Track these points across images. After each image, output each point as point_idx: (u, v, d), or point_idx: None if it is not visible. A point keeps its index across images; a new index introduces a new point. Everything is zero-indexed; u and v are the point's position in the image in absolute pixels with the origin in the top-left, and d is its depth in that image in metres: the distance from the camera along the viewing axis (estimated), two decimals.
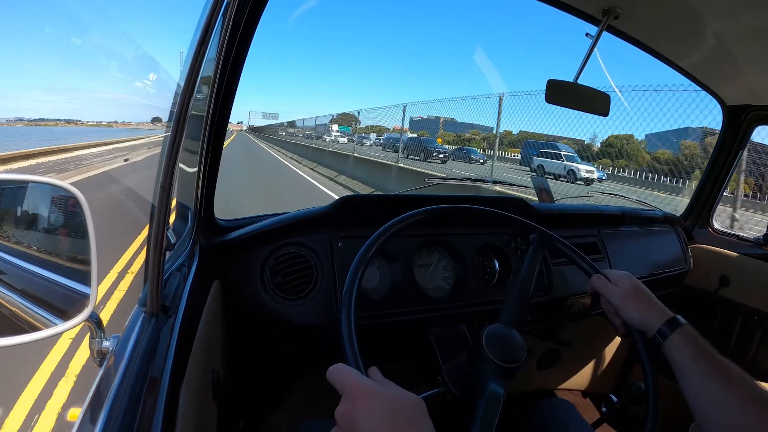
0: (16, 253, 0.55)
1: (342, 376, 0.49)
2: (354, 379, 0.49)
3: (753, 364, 1.48)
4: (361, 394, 0.47)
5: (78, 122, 69.80)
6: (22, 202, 0.57)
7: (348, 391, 0.48)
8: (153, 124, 68.30)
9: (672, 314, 0.73)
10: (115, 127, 70.71)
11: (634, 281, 0.79)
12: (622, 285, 0.79)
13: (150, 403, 0.45)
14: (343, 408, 0.47)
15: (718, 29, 1.02)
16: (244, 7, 0.69)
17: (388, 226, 0.75)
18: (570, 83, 1.17)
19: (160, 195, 0.55)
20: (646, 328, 0.74)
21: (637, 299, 0.77)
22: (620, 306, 0.77)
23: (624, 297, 0.77)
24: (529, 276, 0.82)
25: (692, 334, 0.69)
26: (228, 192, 7.10)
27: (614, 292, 0.78)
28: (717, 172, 1.62)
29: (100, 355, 0.57)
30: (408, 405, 0.47)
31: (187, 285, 0.67)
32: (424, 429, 0.46)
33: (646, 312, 0.74)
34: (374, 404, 0.46)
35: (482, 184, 1.89)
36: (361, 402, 0.46)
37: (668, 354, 0.69)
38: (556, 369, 1.56)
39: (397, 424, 0.45)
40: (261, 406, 1.12)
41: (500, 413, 0.60)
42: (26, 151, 14.46)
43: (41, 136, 33.39)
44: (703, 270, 1.59)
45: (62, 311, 0.53)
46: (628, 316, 0.76)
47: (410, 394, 0.49)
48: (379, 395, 0.47)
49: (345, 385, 0.48)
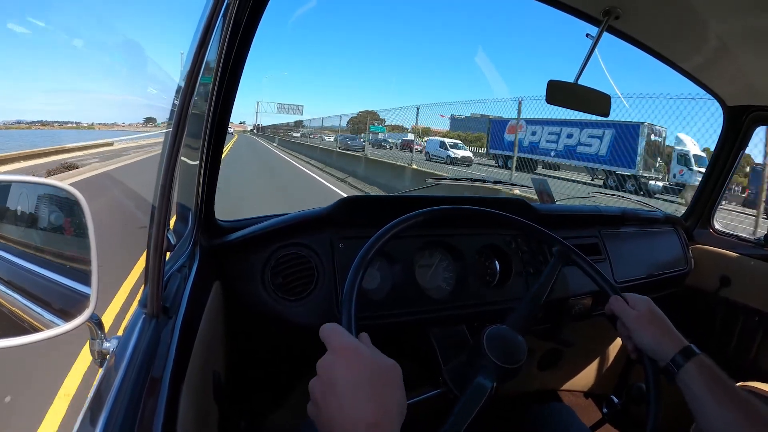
0: (18, 253, 0.55)
1: (333, 333, 0.52)
2: (342, 336, 0.52)
3: (754, 364, 1.47)
4: (347, 349, 0.50)
5: (78, 124, 68.89)
6: (23, 203, 0.57)
7: (335, 345, 0.50)
8: (146, 125, 65.05)
9: (687, 343, 0.71)
10: (115, 129, 69.45)
11: (651, 306, 0.78)
12: (638, 308, 0.78)
13: (151, 404, 0.45)
14: (326, 359, 0.50)
15: (719, 30, 1.02)
16: (244, 7, 0.69)
17: (389, 228, 0.75)
18: (570, 84, 1.17)
19: (160, 196, 0.55)
20: (658, 355, 0.72)
21: (651, 324, 0.75)
22: (634, 329, 0.75)
23: (638, 320, 0.76)
24: (545, 287, 0.83)
25: (707, 364, 0.68)
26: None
27: (629, 315, 0.77)
28: (717, 172, 1.62)
29: (100, 356, 0.57)
30: (387, 368, 0.50)
31: (188, 286, 0.67)
32: (398, 393, 0.48)
33: (660, 338, 0.73)
34: (356, 361, 0.49)
35: (483, 184, 1.89)
36: (343, 356, 0.49)
37: (682, 383, 0.68)
38: (558, 369, 1.56)
39: (373, 383, 0.47)
40: (262, 407, 1.11)
41: (484, 407, 0.61)
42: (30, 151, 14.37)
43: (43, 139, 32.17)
44: (703, 271, 1.58)
45: (63, 312, 0.53)
46: (641, 341, 0.75)
47: (390, 359, 0.51)
48: (362, 354, 0.50)
49: (334, 340, 0.51)
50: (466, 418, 0.60)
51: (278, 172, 15.63)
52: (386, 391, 0.48)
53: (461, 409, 0.61)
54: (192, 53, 0.53)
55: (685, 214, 1.73)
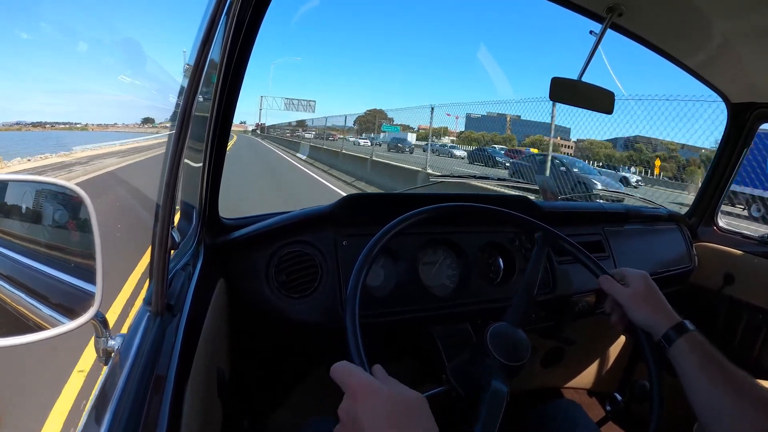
0: (22, 251, 0.56)
1: (345, 374, 0.50)
2: (357, 377, 0.49)
3: (757, 362, 1.47)
4: (364, 391, 0.47)
5: (71, 125, 67.23)
6: (28, 202, 0.57)
7: (351, 388, 0.48)
8: (143, 126, 62.09)
9: (680, 319, 0.72)
10: (110, 130, 66.60)
11: (647, 281, 0.78)
12: (634, 285, 0.78)
13: (155, 402, 0.46)
14: (346, 405, 0.47)
15: (723, 27, 1.02)
16: (247, 5, 0.69)
17: (392, 225, 0.75)
18: (574, 81, 1.17)
19: (164, 194, 0.55)
20: (651, 330, 0.73)
21: (645, 300, 0.75)
22: (628, 306, 0.76)
23: (633, 297, 0.76)
24: (534, 275, 0.82)
25: (699, 341, 0.68)
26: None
27: (622, 292, 0.77)
28: (721, 170, 1.61)
29: (105, 354, 0.57)
30: (410, 402, 0.48)
31: (192, 284, 0.68)
32: (426, 425, 0.46)
33: (653, 314, 0.73)
34: (377, 401, 0.46)
35: (486, 183, 1.89)
36: (363, 399, 0.47)
37: (673, 359, 0.68)
38: (561, 367, 1.56)
39: (399, 421, 0.45)
40: (266, 404, 1.12)
41: (503, 411, 0.60)
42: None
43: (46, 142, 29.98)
44: (707, 268, 1.58)
45: (68, 309, 0.53)
46: (635, 317, 0.75)
47: (412, 391, 0.49)
48: (381, 392, 0.47)
49: (348, 383, 0.49)
50: (494, 427, 0.59)
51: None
52: (412, 424, 0.46)
53: (486, 421, 0.59)
54: (195, 52, 0.53)
55: (689, 212, 1.73)
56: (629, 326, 0.78)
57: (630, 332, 0.78)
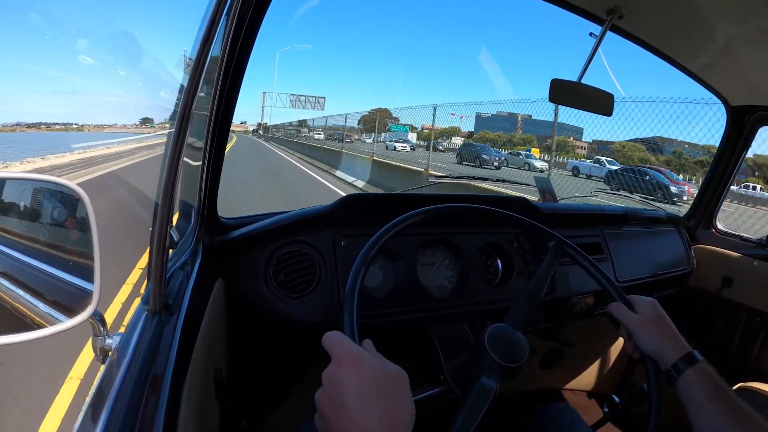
0: (21, 249, 0.56)
1: (335, 341, 0.51)
2: (346, 345, 0.51)
3: (756, 365, 1.47)
4: (350, 359, 0.49)
5: (76, 126, 65.28)
6: (27, 200, 0.57)
7: (338, 354, 0.50)
8: (141, 126, 59.00)
9: (689, 348, 0.71)
10: (106, 131, 62.66)
11: (655, 309, 0.77)
12: (641, 311, 0.77)
13: (152, 401, 0.45)
14: (331, 371, 0.49)
15: (723, 29, 1.02)
16: (248, 5, 0.69)
17: (391, 226, 0.75)
18: (574, 83, 1.17)
19: (163, 193, 0.55)
20: (659, 357, 0.72)
21: (654, 328, 0.74)
22: (636, 333, 0.75)
23: (642, 324, 0.75)
24: (543, 282, 0.82)
25: (709, 373, 0.67)
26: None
27: (631, 319, 0.76)
28: (720, 172, 1.61)
29: (102, 352, 0.57)
30: (392, 375, 0.49)
31: (190, 283, 0.68)
32: (404, 400, 0.48)
33: (662, 343, 0.72)
34: (361, 370, 0.48)
35: (484, 183, 1.89)
36: (349, 367, 0.48)
37: (681, 389, 0.68)
38: (559, 369, 1.56)
39: (379, 390, 0.47)
40: (264, 405, 1.12)
41: (488, 407, 0.61)
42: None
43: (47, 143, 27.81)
44: (706, 271, 1.58)
45: (66, 308, 0.53)
46: (642, 343, 0.74)
47: (396, 366, 0.51)
48: (366, 363, 0.49)
49: (337, 349, 0.50)
50: (474, 420, 0.60)
51: None
52: (394, 399, 0.47)
53: (468, 412, 0.61)
54: (196, 51, 0.53)
55: (687, 214, 1.73)
56: (638, 354, 0.76)
57: (641, 361, 0.76)
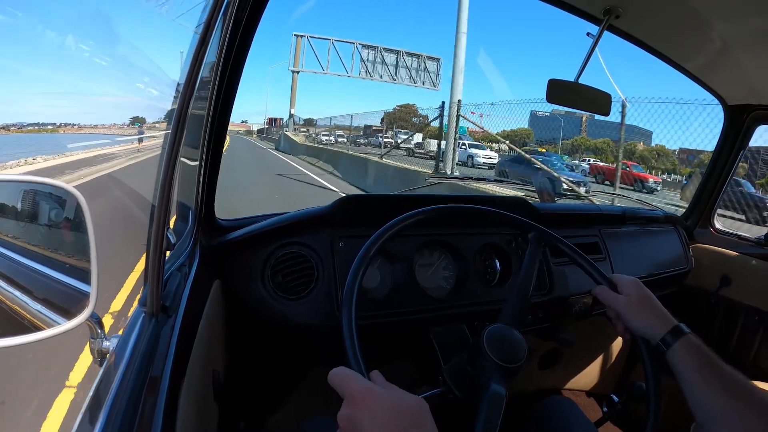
0: (18, 251, 0.55)
1: (343, 380, 0.49)
2: (355, 383, 0.49)
3: (754, 364, 1.47)
4: (363, 397, 0.47)
5: (75, 126, 62.22)
6: (23, 202, 0.57)
7: (349, 394, 0.48)
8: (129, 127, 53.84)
9: (676, 322, 0.72)
10: (84, 132, 58.12)
11: (640, 288, 0.78)
12: (627, 292, 0.78)
13: (150, 404, 0.45)
14: (346, 412, 0.47)
15: (720, 29, 1.02)
16: (244, 6, 0.69)
17: (389, 226, 0.75)
18: (571, 83, 1.17)
19: (160, 195, 0.55)
20: (648, 335, 0.73)
21: (641, 307, 0.76)
22: (624, 314, 0.76)
23: (628, 305, 0.76)
24: (529, 275, 0.81)
25: (696, 343, 0.68)
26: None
27: (618, 300, 0.77)
28: (718, 172, 1.61)
29: (100, 355, 0.57)
30: (411, 407, 0.47)
31: (188, 285, 0.67)
32: (428, 430, 0.46)
33: (649, 320, 0.73)
34: (377, 407, 0.46)
35: (483, 184, 1.89)
36: (363, 405, 0.46)
37: (671, 363, 0.69)
38: (558, 369, 1.56)
39: (400, 426, 0.45)
40: (262, 407, 1.11)
41: (502, 413, 0.60)
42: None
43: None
44: (704, 270, 1.58)
45: (64, 310, 0.53)
46: (631, 324, 0.75)
47: (413, 396, 0.49)
48: (381, 398, 0.47)
49: (346, 389, 0.48)
50: (494, 430, 0.58)
51: None
52: (413, 429, 0.45)
53: (486, 421, 0.59)
54: (192, 52, 0.53)
55: (685, 213, 1.73)
56: (627, 333, 0.78)
57: (630, 340, 0.78)
